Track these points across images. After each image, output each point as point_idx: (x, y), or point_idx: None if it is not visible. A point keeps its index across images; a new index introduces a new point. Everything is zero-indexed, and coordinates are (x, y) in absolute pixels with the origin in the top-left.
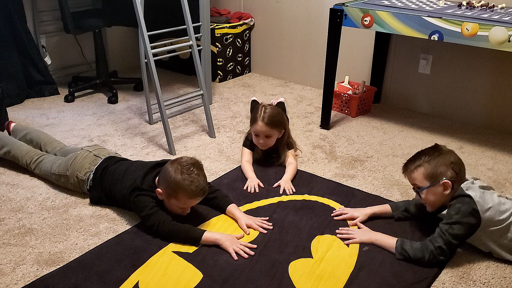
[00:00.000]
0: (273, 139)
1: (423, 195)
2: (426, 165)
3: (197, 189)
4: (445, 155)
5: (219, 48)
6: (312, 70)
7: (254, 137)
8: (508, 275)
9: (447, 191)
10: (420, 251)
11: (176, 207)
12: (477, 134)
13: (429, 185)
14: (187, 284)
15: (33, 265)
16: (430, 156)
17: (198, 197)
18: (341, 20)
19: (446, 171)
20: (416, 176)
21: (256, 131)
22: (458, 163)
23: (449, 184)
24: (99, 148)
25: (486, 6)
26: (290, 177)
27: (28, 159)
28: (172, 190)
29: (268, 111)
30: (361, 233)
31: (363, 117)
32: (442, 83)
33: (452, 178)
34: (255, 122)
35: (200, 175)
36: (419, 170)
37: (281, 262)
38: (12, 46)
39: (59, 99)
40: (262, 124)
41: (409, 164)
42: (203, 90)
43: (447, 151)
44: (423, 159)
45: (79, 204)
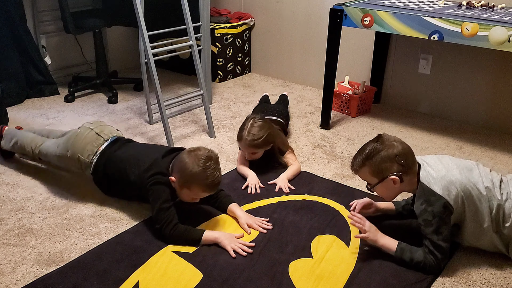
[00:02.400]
0: (260, 154)
1: (376, 191)
2: (369, 162)
3: (212, 183)
4: (387, 149)
5: (219, 48)
6: (312, 70)
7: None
8: (508, 275)
9: (397, 185)
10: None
11: (188, 196)
12: (477, 134)
13: (378, 181)
14: (187, 284)
15: (33, 265)
16: (372, 152)
17: (212, 191)
18: (341, 20)
19: (392, 166)
20: (362, 174)
21: (241, 148)
22: (403, 153)
23: (397, 179)
24: (101, 124)
25: (486, 6)
26: (288, 177)
27: (33, 145)
28: (186, 181)
29: (254, 131)
30: (372, 231)
31: (363, 117)
32: (442, 83)
33: (399, 171)
34: (240, 139)
35: (217, 169)
36: (364, 169)
37: (281, 262)
38: (12, 46)
39: (59, 99)
40: (245, 145)
41: (354, 162)
42: (203, 90)
43: (389, 144)
44: (365, 156)
45: (79, 204)
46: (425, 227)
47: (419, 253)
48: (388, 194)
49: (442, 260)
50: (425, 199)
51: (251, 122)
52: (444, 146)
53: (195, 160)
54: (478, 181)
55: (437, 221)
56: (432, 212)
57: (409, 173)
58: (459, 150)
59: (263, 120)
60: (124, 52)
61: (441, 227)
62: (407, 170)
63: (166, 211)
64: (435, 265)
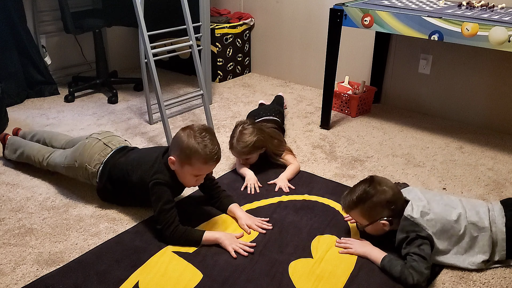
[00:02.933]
0: (253, 158)
1: (366, 230)
2: (361, 206)
3: (211, 153)
4: (379, 195)
5: (219, 48)
6: (312, 70)
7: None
8: (508, 275)
9: (386, 228)
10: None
11: (190, 175)
12: (477, 134)
13: (368, 223)
14: (187, 284)
15: (33, 265)
16: (364, 197)
17: (212, 162)
18: (341, 20)
19: (382, 211)
20: (353, 215)
21: (233, 155)
22: (394, 199)
23: (387, 224)
24: (109, 135)
25: (486, 6)
26: (287, 176)
27: (40, 157)
28: (186, 156)
29: (243, 139)
30: (359, 245)
31: (363, 117)
32: (442, 83)
33: (389, 216)
34: (231, 148)
35: (214, 140)
36: (355, 211)
37: (281, 262)
38: (12, 46)
39: (59, 99)
40: (236, 153)
41: (345, 202)
42: (203, 90)
43: (381, 190)
44: (357, 199)
45: (79, 204)
46: (409, 246)
47: (396, 268)
48: (377, 233)
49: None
50: (407, 230)
51: (239, 129)
52: (444, 146)
53: (191, 133)
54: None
55: (421, 241)
56: (416, 235)
57: (398, 216)
58: (459, 150)
59: (253, 126)
60: (124, 52)
61: (423, 245)
62: (397, 214)
63: (167, 212)
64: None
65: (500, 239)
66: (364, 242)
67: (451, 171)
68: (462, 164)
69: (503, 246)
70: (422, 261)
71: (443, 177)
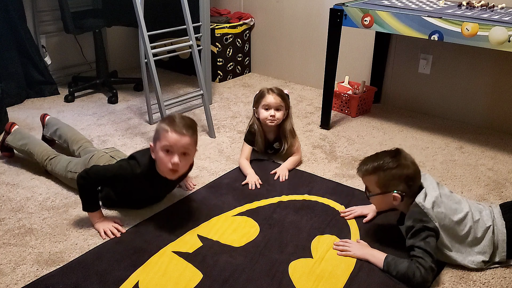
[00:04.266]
0: (282, 114)
1: (372, 199)
2: (380, 173)
3: (179, 123)
4: (402, 168)
5: (219, 48)
6: (312, 70)
7: (263, 113)
8: (508, 275)
9: (396, 202)
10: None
11: (162, 152)
12: (477, 134)
13: (379, 193)
14: (187, 284)
15: (33, 265)
16: (386, 165)
17: (180, 132)
18: (341, 20)
19: (399, 184)
20: (367, 180)
21: (266, 104)
22: (413, 176)
23: (398, 197)
24: (115, 150)
25: (486, 6)
26: (288, 166)
27: (45, 155)
28: (157, 132)
29: (275, 87)
30: (357, 248)
31: (363, 117)
32: (442, 83)
33: (403, 191)
34: (263, 96)
35: (185, 117)
36: (372, 177)
37: (281, 262)
38: (12, 46)
39: (59, 99)
40: (273, 95)
41: (364, 166)
42: (203, 90)
43: (404, 163)
44: (378, 166)
45: (79, 204)
46: (414, 238)
47: (403, 264)
48: (381, 206)
49: (430, 270)
50: (416, 218)
51: (269, 87)
52: (444, 146)
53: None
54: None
55: (427, 233)
56: (422, 226)
57: (411, 195)
58: (459, 150)
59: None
60: (124, 52)
61: (429, 237)
62: (411, 192)
63: (100, 171)
64: (422, 275)
65: (501, 240)
66: (362, 244)
67: (451, 171)
68: (462, 164)
69: (504, 248)
70: (428, 256)
71: (443, 177)
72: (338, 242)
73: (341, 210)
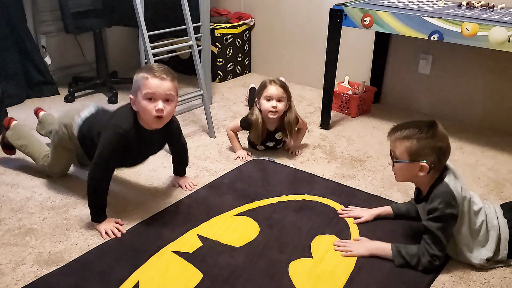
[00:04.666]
0: (283, 105)
1: (397, 166)
2: (413, 141)
3: (157, 69)
4: (436, 139)
5: (219, 48)
6: (312, 70)
7: (265, 104)
8: (508, 275)
9: (422, 173)
10: (416, 257)
11: (145, 101)
12: (477, 134)
13: (407, 160)
14: (187, 284)
15: (33, 265)
16: (422, 133)
17: (160, 77)
18: (341, 20)
19: (431, 154)
20: (398, 146)
21: (268, 95)
22: (445, 150)
23: (426, 168)
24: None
25: (486, 6)
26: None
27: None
28: (135, 82)
29: (277, 79)
30: (358, 246)
31: (363, 117)
32: (442, 83)
33: (432, 163)
34: (265, 87)
35: (162, 64)
36: (404, 143)
37: (281, 262)
38: (12, 46)
39: (59, 99)
40: (275, 86)
41: (397, 131)
42: (203, 90)
43: (440, 135)
44: (413, 133)
45: (79, 204)
46: (433, 221)
47: (412, 247)
48: (403, 176)
49: (438, 257)
50: (445, 200)
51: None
52: None
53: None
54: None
55: (446, 221)
56: (446, 212)
57: (437, 170)
58: (459, 150)
59: None
60: (124, 52)
61: (447, 228)
62: (439, 166)
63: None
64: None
65: (503, 239)
66: (362, 240)
67: None
68: (462, 164)
69: (506, 246)
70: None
71: None
72: (338, 243)
73: (341, 208)
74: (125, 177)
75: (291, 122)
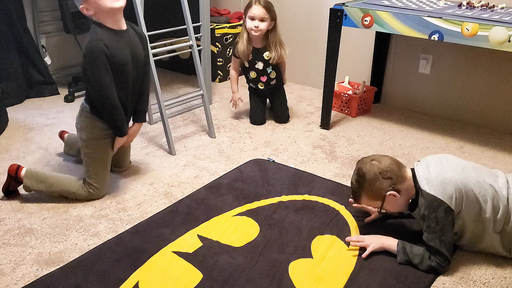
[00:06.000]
0: (266, 24)
1: (384, 210)
2: (363, 193)
3: None
4: (370, 172)
5: (219, 48)
6: (312, 70)
7: (248, 23)
8: (508, 275)
9: (398, 197)
10: (419, 257)
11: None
12: (477, 134)
13: (381, 203)
14: (187, 284)
15: (33, 265)
16: (360, 181)
17: None
18: (341, 20)
19: (382, 183)
20: (365, 203)
21: (251, 14)
22: (385, 167)
23: (395, 194)
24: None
25: (486, 6)
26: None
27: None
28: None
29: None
30: (373, 240)
31: (363, 117)
32: (442, 83)
33: (391, 185)
34: (250, 7)
35: None
36: (363, 199)
37: (281, 262)
38: (12, 46)
39: (59, 99)
40: (259, 6)
41: (352, 197)
42: (203, 90)
43: (369, 167)
44: (357, 187)
45: (79, 204)
46: (429, 233)
47: (418, 248)
48: (397, 208)
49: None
50: (427, 205)
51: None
52: (444, 146)
53: None
54: (481, 180)
55: (441, 227)
56: (435, 218)
57: (401, 181)
58: (459, 150)
59: None
60: None
61: (444, 234)
62: (398, 179)
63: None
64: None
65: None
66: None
67: None
68: None
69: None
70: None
71: None
72: (351, 238)
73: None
74: (125, 177)
75: (274, 41)
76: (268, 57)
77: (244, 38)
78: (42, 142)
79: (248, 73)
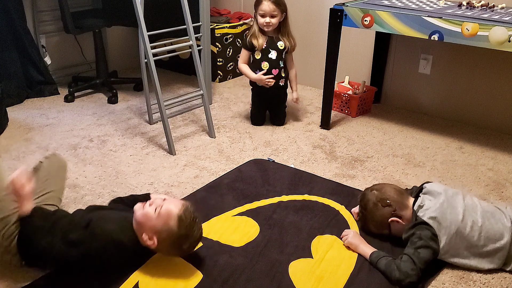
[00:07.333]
0: (277, 19)
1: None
2: (369, 223)
3: None
4: (371, 202)
5: (219, 48)
6: (312, 70)
7: (259, 19)
8: (508, 275)
9: (399, 224)
10: (388, 272)
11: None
12: (477, 134)
13: (388, 230)
14: (187, 284)
15: None
16: (364, 213)
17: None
18: (341, 20)
19: (383, 212)
20: (377, 231)
21: (262, 11)
22: (383, 195)
23: (397, 220)
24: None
25: (486, 6)
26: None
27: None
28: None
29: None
30: (354, 240)
31: (363, 117)
32: (442, 83)
33: (391, 212)
34: (260, 4)
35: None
36: (371, 229)
37: (281, 262)
38: (12, 46)
39: (59, 99)
40: (268, 3)
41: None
42: (203, 90)
43: (369, 197)
44: (364, 219)
45: (78, 204)
46: (408, 245)
47: (381, 262)
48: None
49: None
50: (415, 226)
51: None
52: (444, 146)
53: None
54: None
55: (422, 243)
56: (419, 235)
57: (402, 208)
58: (459, 150)
59: None
60: (124, 52)
61: (422, 248)
62: (398, 206)
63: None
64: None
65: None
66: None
67: (451, 171)
68: (462, 164)
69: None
70: (410, 263)
71: (443, 177)
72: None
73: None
74: (125, 177)
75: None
76: (282, 47)
77: (256, 30)
78: (42, 142)
79: (259, 65)
